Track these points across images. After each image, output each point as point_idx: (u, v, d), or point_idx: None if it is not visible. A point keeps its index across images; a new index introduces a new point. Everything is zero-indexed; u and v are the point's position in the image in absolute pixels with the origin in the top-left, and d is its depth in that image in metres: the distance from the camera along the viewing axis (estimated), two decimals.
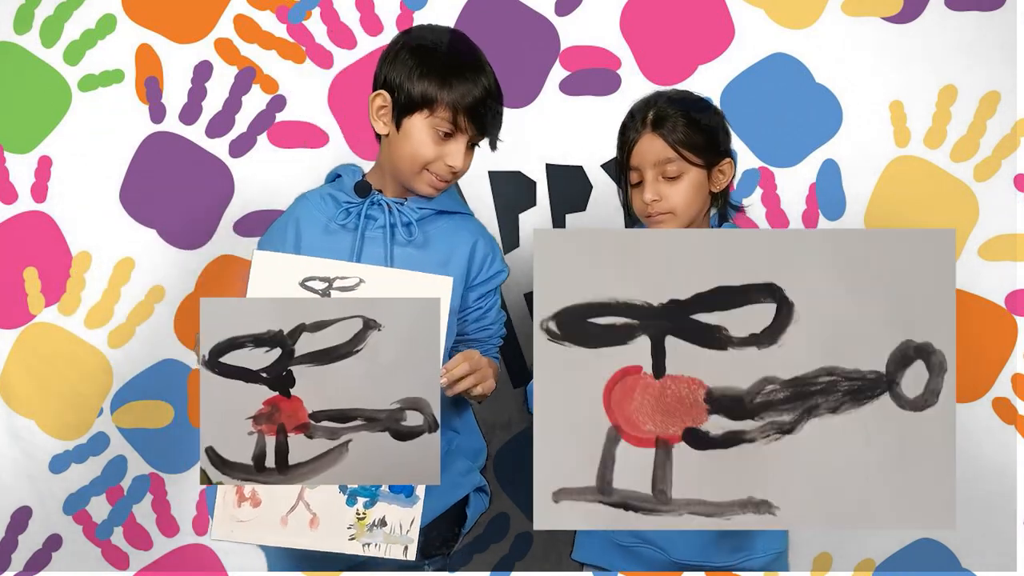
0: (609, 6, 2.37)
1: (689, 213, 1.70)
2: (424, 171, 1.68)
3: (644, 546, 1.70)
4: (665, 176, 1.68)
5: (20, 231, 2.35)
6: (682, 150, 1.67)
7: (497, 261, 1.79)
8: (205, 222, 2.36)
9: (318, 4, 2.37)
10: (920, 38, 2.33)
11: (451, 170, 1.69)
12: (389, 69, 1.68)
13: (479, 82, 1.66)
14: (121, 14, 2.35)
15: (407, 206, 1.72)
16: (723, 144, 1.75)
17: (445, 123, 1.65)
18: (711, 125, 1.72)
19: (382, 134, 1.72)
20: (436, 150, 1.67)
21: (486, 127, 1.70)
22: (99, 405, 2.35)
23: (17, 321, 2.35)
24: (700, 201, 1.71)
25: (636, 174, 1.71)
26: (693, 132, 1.68)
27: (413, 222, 1.70)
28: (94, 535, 2.36)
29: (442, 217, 1.75)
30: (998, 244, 2.33)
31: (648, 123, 1.70)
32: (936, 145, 2.34)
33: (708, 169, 1.71)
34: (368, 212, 1.71)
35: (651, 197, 1.67)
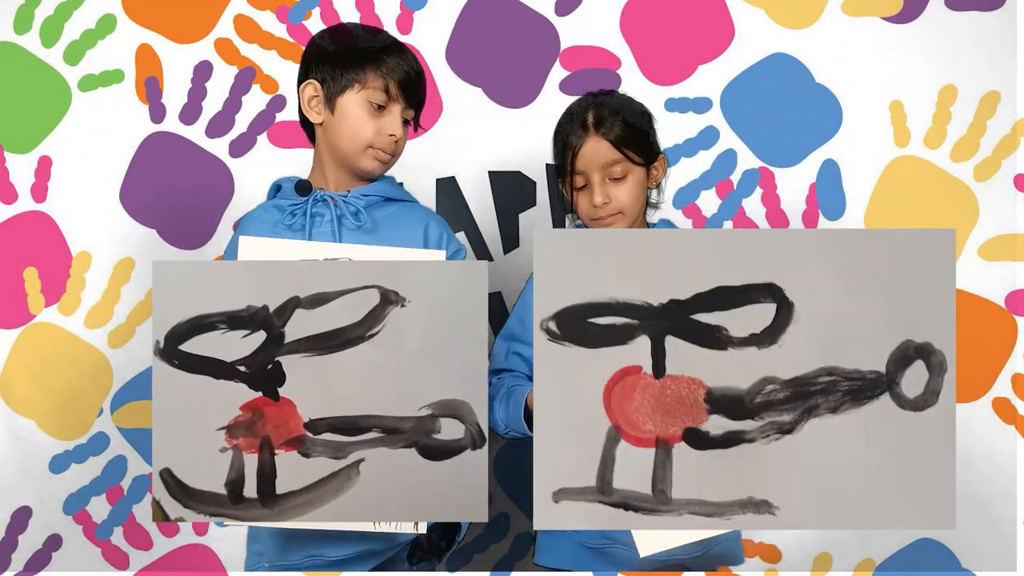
0: (609, 6, 2.37)
1: (635, 211, 1.74)
2: (368, 148, 1.70)
3: (614, 546, 1.69)
4: (612, 178, 1.71)
5: (20, 231, 2.35)
6: (626, 151, 1.70)
7: (453, 240, 1.77)
8: (205, 222, 2.36)
9: (318, 4, 2.37)
10: (920, 38, 2.33)
11: (392, 139, 1.70)
12: (314, 61, 1.72)
13: (405, 55, 1.71)
14: (121, 14, 2.36)
15: (352, 195, 1.72)
16: (656, 142, 1.79)
17: (378, 93, 1.67)
18: (646, 124, 1.77)
19: (317, 123, 1.74)
20: (374, 124, 1.68)
21: (417, 99, 1.73)
22: (99, 405, 2.35)
23: (17, 321, 2.35)
24: (643, 198, 1.76)
25: (581, 178, 1.73)
26: (632, 132, 1.72)
27: (360, 209, 1.70)
28: (94, 535, 2.36)
29: (389, 204, 1.75)
30: (998, 244, 2.33)
31: (590, 126, 1.72)
32: (936, 145, 2.34)
33: (647, 167, 1.75)
34: (313, 210, 1.70)
35: (601, 200, 1.70)
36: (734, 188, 2.36)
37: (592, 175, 1.71)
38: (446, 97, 2.37)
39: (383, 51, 1.70)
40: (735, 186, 2.36)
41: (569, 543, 1.74)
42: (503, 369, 1.74)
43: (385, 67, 1.68)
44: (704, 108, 2.35)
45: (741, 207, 2.35)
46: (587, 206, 1.73)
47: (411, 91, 1.71)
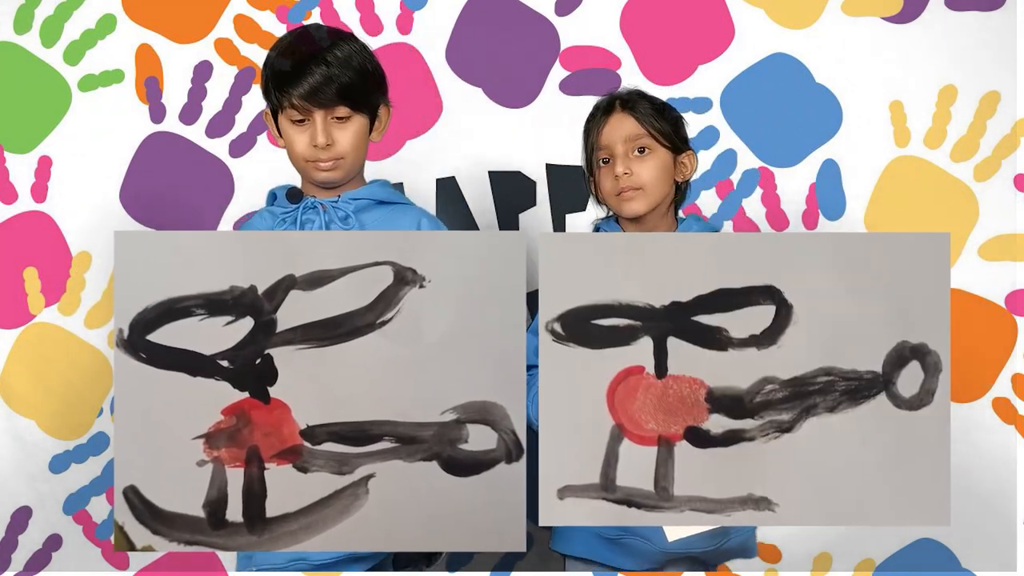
0: (609, 6, 2.37)
1: (657, 192, 1.74)
2: (306, 162, 1.70)
3: (630, 537, 1.71)
4: (636, 151, 1.74)
5: (20, 231, 2.35)
6: (651, 128, 1.74)
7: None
8: (205, 222, 2.36)
9: (318, 4, 2.37)
10: (920, 38, 2.33)
11: (320, 148, 1.67)
12: (263, 90, 1.75)
13: (303, 61, 1.67)
14: (121, 14, 2.36)
15: (341, 200, 1.72)
16: (685, 136, 1.81)
17: (294, 112, 1.68)
18: (675, 116, 1.80)
19: (281, 147, 1.75)
20: (302, 139, 1.69)
21: (334, 97, 1.67)
22: (99, 405, 2.35)
23: (17, 321, 2.35)
24: (667, 184, 1.76)
25: (605, 152, 1.76)
26: (659, 117, 1.76)
27: (350, 214, 1.69)
28: (94, 535, 2.36)
29: (380, 207, 1.74)
30: (998, 244, 2.33)
31: (617, 106, 1.77)
32: (936, 145, 2.34)
33: (674, 155, 1.77)
34: (303, 217, 1.70)
35: (622, 170, 1.72)
36: (734, 188, 2.36)
37: (616, 147, 1.74)
38: (446, 97, 2.37)
39: (284, 71, 1.68)
40: (735, 186, 2.36)
41: (586, 532, 1.75)
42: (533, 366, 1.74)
43: (287, 86, 1.66)
44: (704, 108, 2.35)
45: (741, 207, 2.35)
46: (610, 181, 1.74)
47: (323, 95, 1.66)
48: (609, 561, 1.74)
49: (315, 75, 1.67)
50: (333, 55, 1.69)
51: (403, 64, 2.34)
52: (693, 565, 1.74)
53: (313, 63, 1.67)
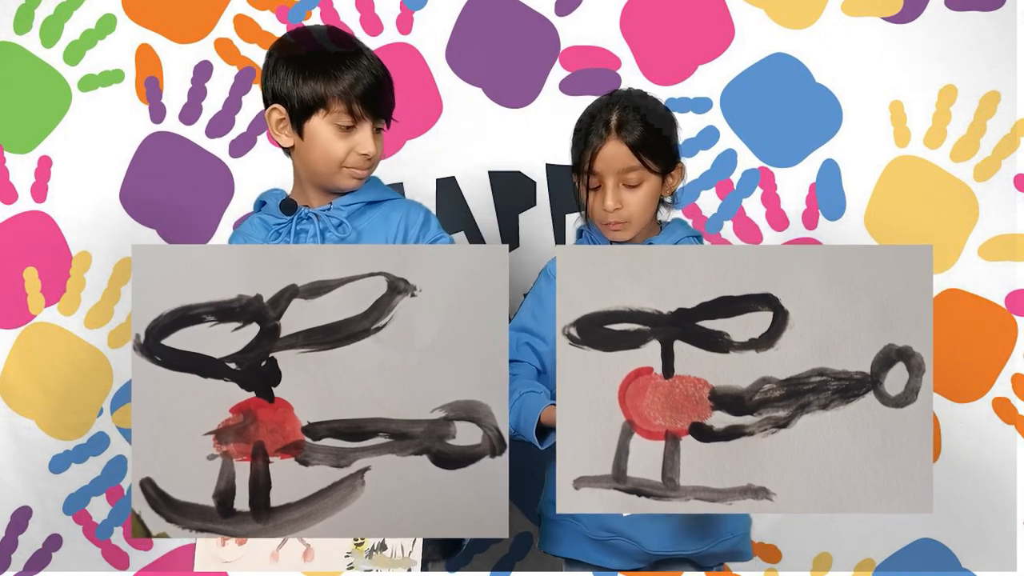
0: (609, 6, 2.37)
1: (643, 220, 1.75)
2: (342, 168, 1.68)
3: (618, 539, 1.72)
4: (626, 184, 1.71)
5: (20, 231, 2.35)
6: (645, 159, 1.71)
7: (432, 228, 1.74)
8: (205, 222, 2.37)
9: (318, 4, 2.37)
10: (920, 38, 2.33)
11: (366, 158, 1.68)
12: (273, 83, 1.68)
13: (362, 66, 1.66)
14: (121, 14, 2.36)
15: (334, 207, 1.70)
16: (677, 151, 1.79)
17: (343, 116, 1.64)
18: (668, 130, 1.76)
19: (287, 147, 1.71)
20: (344, 145, 1.66)
21: (382, 109, 1.69)
22: (99, 405, 2.35)
23: (17, 321, 2.35)
24: (654, 206, 1.77)
25: (596, 179, 1.73)
26: (654, 138, 1.72)
27: (344, 220, 1.68)
28: (94, 535, 2.36)
29: (371, 208, 1.73)
30: (998, 244, 2.33)
31: (612, 128, 1.71)
32: (936, 145, 2.34)
33: (663, 176, 1.75)
34: (298, 228, 1.68)
35: (613, 204, 1.71)
36: (734, 188, 2.36)
37: (607, 178, 1.71)
38: (446, 97, 2.38)
39: (340, 67, 1.64)
40: (735, 186, 2.36)
41: (574, 533, 1.76)
42: (513, 360, 1.74)
43: (345, 84, 1.63)
44: (704, 108, 2.36)
45: (741, 207, 2.36)
46: (599, 208, 1.73)
47: (376, 103, 1.66)
48: (597, 562, 1.75)
49: (375, 76, 1.65)
50: (374, 64, 1.66)
51: (403, 64, 2.34)
52: (690, 566, 1.75)
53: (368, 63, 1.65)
